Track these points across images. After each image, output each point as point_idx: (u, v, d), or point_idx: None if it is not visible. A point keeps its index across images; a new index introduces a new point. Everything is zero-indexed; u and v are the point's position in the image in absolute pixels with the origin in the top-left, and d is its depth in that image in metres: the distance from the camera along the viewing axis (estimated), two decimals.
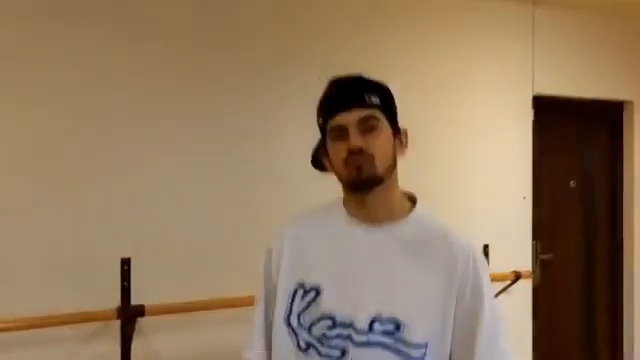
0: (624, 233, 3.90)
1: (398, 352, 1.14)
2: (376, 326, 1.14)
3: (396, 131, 1.23)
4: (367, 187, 1.18)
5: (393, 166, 1.21)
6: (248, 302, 1.40)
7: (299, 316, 1.20)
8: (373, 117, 1.17)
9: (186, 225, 2.57)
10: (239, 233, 2.63)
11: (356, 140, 1.15)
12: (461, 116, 3.31)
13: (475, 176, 3.34)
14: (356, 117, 1.16)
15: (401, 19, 3.14)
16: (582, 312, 3.84)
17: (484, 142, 3.39)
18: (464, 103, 3.32)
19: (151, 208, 2.51)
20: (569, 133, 3.81)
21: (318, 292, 1.19)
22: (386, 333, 1.14)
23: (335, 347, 1.16)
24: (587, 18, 3.66)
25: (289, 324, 1.20)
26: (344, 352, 1.15)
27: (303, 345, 1.18)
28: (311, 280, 1.21)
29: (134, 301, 2.32)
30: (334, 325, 1.16)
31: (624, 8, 3.65)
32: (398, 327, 1.15)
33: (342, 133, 1.17)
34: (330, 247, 1.24)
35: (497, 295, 3.24)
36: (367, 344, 1.14)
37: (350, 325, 1.15)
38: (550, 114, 3.58)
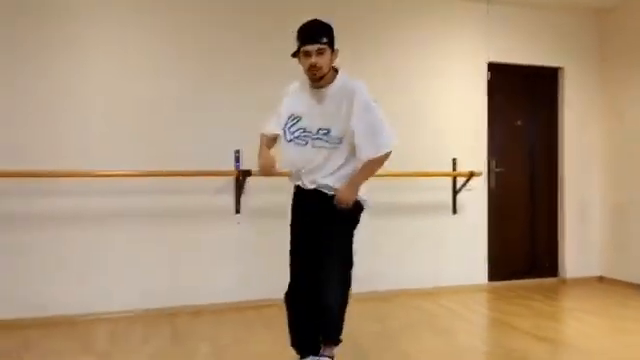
0: (558, 157, 5.66)
1: (328, 141, 2.66)
2: (320, 132, 2.67)
3: (333, 51, 2.65)
4: (317, 80, 2.66)
5: (329, 68, 2.65)
6: None
7: (290, 127, 2.75)
8: (323, 48, 2.61)
9: None
10: None
11: (315, 60, 2.60)
12: (438, 78, 5.17)
13: (448, 115, 5.19)
14: (315, 48, 2.59)
15: (393, 15, 5.03)
16: (526, 209, 5.62)
17: (456, 94, 5.24)
18: (439, 69, 5.18)
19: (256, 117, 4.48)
20: (517, 89, 5.60)
21: (300, 117, 2.72)
22: (324, 134, 2.67)
23: (304, 139, 2.70)
24: (531, 10, 5.45)
25: (284, 130, 2.76)
26: (307, 142, 2.69)
27: (290, 139, 2.74)
28: (296, 112, 2.73)
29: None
30: (304, 131, 2.70)
31: (558, 3, 5.42)
32: (329, 131, 2.65)
33: (308, 54, 2.61)
34: (303, 98, 2.74)
35: (460, 189, 5.14)
36: (316, 139, 2.68)
37: (310, 131, 2.68)
38: (502, 76, 5.39)
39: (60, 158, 4.08)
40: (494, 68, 5.35)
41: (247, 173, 4.29)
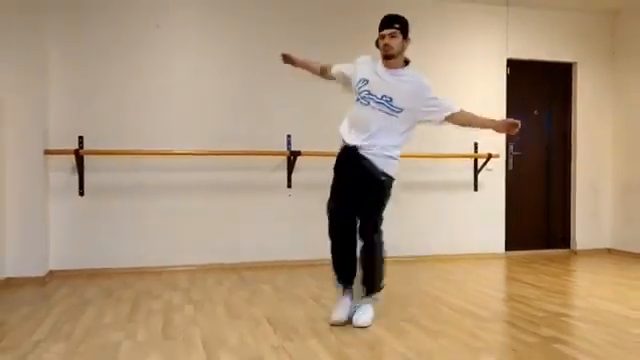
0: (571, 142, 6.35)
1: (390, 108, 3.31)
2: (384, 98, 3.29)
3: (405, 38, 3.36)
4: (388, 58, 3.35)
5: (401, 51, 3.35)
6: None
7: (359, 88, 3.36)
8: (395, 33, 3.31)
9: (323, 118, 5.45)
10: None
11: (387, 41, 3.31)
12: (462, 74, 5.95)
13: (472, 106, 5.88)
14: (388, 32, 3.31)
15: (424, 18, 5.84)
16: (541, 188, 6.35)
17: (479, 88, 6.01)
18: (464, 66, 5.96)
19: (305, 107, 5.43)
20: (534, 83, 6.32)
21: (367, 81, 3.33)
22: (387, 100, 3.30)
23: (368, 100, 3.30)
24: (546, 11, 6.15)
25: (355, 89, 3.40)
26: (369, 103, 3.29)
27: (357, 98, 3.36)
28: (366, 76, 3.35)
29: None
30: (369, 94, 3.31)
31: (572, 5, 6.11)
32: (391, 99, 3.29)
33: (383, 36, 3.32)
34: (374, 69, 3.37)
35: (480, 169, 5.92)
36: (379, 103, 3.30)
37: (375, 95, 3.30)
38: (520, 71, 6.12)
39: (149, 141, 5.10)
40: (513, 64, 6.08)
41: (297, 154, 5.21)
